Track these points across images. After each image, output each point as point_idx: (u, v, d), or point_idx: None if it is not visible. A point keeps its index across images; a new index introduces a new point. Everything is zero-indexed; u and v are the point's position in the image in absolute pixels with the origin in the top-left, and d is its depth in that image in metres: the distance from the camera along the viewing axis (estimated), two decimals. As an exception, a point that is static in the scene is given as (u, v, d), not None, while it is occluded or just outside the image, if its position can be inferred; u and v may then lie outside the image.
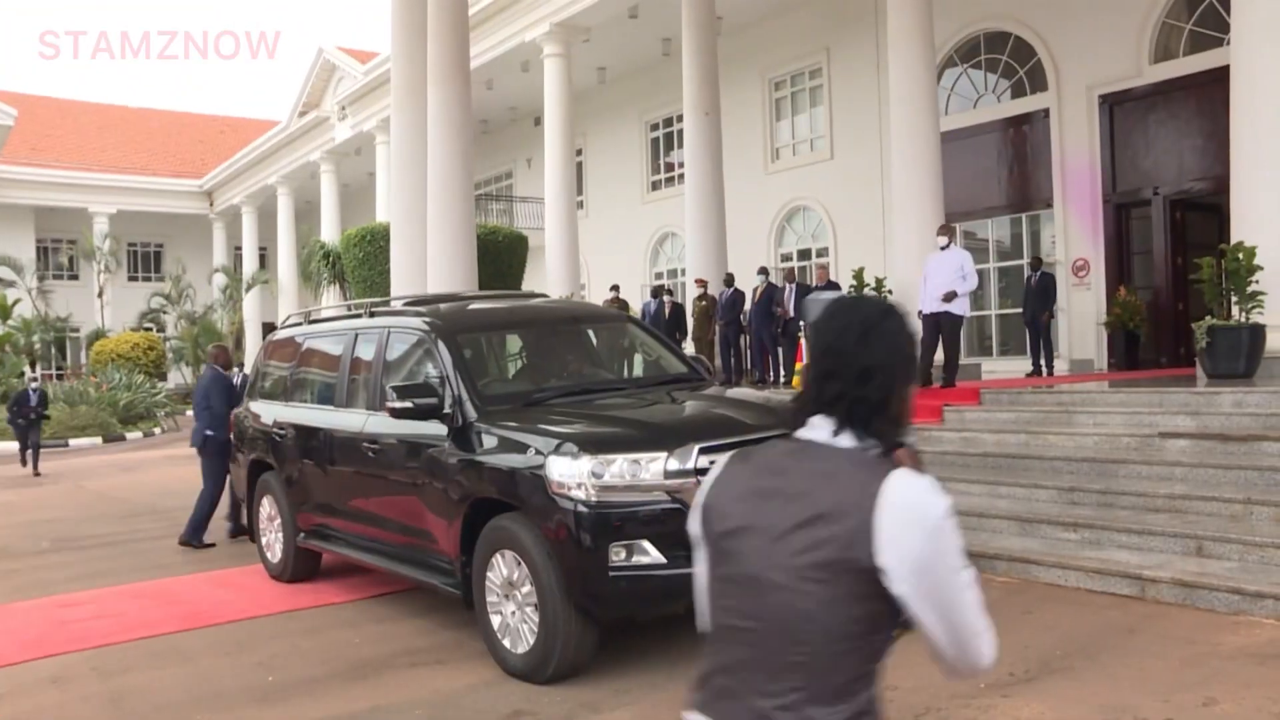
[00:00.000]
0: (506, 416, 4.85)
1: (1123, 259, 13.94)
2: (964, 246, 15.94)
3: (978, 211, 15.50)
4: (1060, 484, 6.84)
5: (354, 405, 5.94)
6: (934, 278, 9.78)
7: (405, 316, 5.83)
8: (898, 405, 1.39)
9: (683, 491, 4.22)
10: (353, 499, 5.83)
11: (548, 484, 4.26)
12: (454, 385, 5.03)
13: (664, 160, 22.25)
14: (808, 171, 18.26)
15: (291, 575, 6.71)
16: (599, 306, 8.84)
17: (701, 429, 4.51)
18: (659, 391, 5.49)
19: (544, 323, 6.08)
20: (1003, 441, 8.12)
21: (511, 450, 4.55)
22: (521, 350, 6.15)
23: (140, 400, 23.04)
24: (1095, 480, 6.86)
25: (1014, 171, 15.19)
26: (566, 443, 4.31)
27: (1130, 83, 13.58)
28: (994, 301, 15.71)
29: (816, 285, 13.31)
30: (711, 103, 15.34)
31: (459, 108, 12.86)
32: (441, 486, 4.91)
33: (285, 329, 7.35)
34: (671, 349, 6.16)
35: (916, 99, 11.47)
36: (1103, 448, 7.40)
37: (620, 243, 22.41)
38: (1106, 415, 7.87)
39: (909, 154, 11.50)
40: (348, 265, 17.06)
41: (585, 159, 23.47)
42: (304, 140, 29.54)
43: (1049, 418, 8.30)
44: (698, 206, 15.33)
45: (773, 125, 19.25)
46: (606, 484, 4.18)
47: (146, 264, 38.40)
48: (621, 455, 4.22)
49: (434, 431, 5.02)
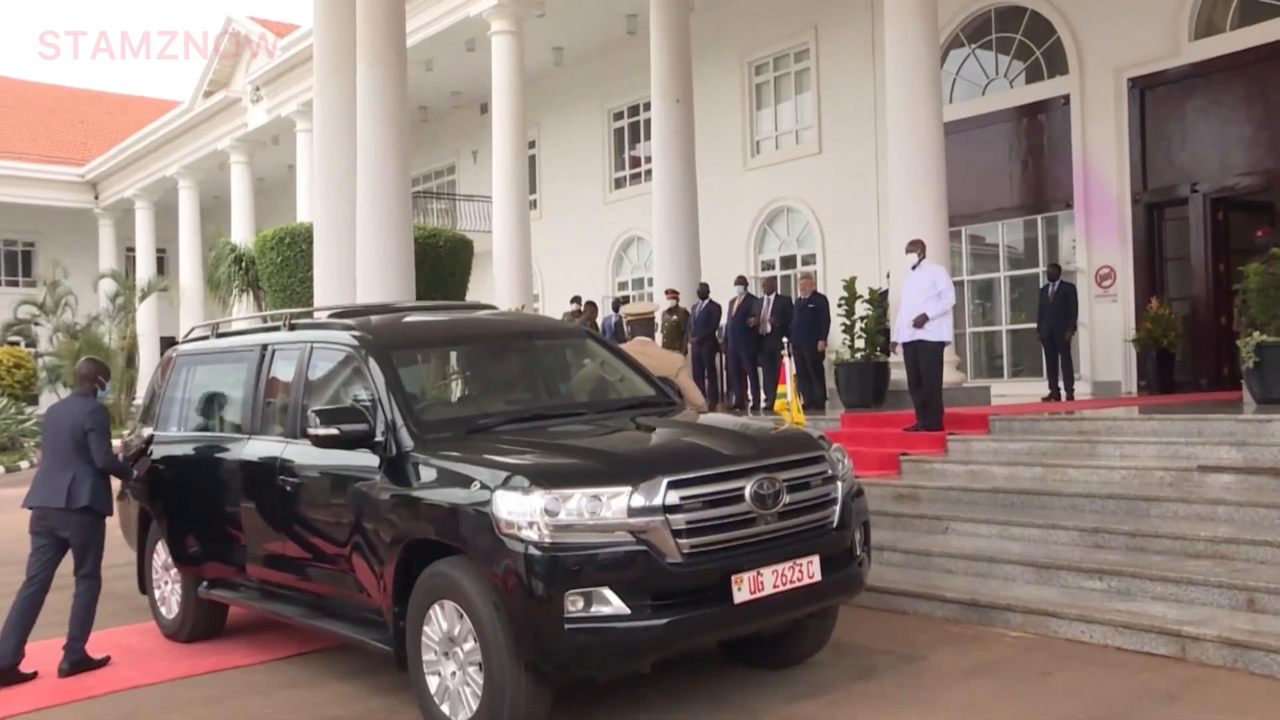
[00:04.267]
0: (447, 445, 4.85)
1: (1154, 266, 14.03)
2: (971, 253, 16.25)
3: (986, 213, 15.70)
4: (1082, 524, 6.92)
5: (269, 433, 5.91)
6: (906, 301, 9.74)
7: (331, 330, 5.83)
8: None
9: (649, 532, 4.24)
10: (266, 542, 5.79)
11: (494, 523, 4.27)
12: (387, 409, 5.03)
13: (629, 154, 22.34)
14: (792, 168, 18.44)
15: (191, 633, 6.63)
16: (554, 320, 8.87)
17: (671, 460, 4.54)
18: (622, 417, 5.52)
19: (491, 338, 6.09)
20: (1015, 475, 8.22)
21: (453, 484, 4.55)
22: (465, 370, 6.15)
23: (4, 428, 22.56)
24: (1123, 520, 6.94)
25: (1029, 167, 15.38)
26: (516, 475, 4.32)
27: (1165, 63, 13.67)
28: (1005, 315, 15.91)
29: (800, 298, 13.42)
30: (683, 89, 15.45)
31: (393, 91, 12.84)
32: (371, 526, 4.90)
33: (188, 344, 7.31)
34: (637, 369, 6.19)
35: (917, 84, 11.63)
36: (1132, 483, 7.50)
37: (579, 248, 22.47)
38: (1136, 445, 7.99)
39: (908, 148, 11.64)
40: (263, 271, 16.92)
41: (539, 152, 23.50)
42: (211, 125, 29.29)
43: (1069, 448, 8.41)
44: (667, 207, 15.39)
45: (753, 115, 19.44)
46: (562, 523, 4.19)
47: (13, 266, 37.37)
48: (579, 490, 4.24)
49: (363, 463, 5.01)
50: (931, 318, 9.46)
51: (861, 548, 5.07)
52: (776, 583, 4.49)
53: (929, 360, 9.56)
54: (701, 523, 4.35)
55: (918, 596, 6.61)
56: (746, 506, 4.46)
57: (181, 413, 6.95)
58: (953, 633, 6.12)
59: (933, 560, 7.12)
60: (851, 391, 11.88)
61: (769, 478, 4.56)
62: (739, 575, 4.39)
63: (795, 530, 4.66)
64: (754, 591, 4.42)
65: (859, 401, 11.73)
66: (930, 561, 7.13)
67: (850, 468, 5.21)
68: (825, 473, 4.89)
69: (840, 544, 4.87)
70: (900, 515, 7.98)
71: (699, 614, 4.31)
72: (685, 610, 4.27)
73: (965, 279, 16.02)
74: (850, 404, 11.84)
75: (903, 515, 7.97)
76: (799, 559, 4.59)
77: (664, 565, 4.23)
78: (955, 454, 9.00)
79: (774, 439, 5.13)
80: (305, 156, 23.19)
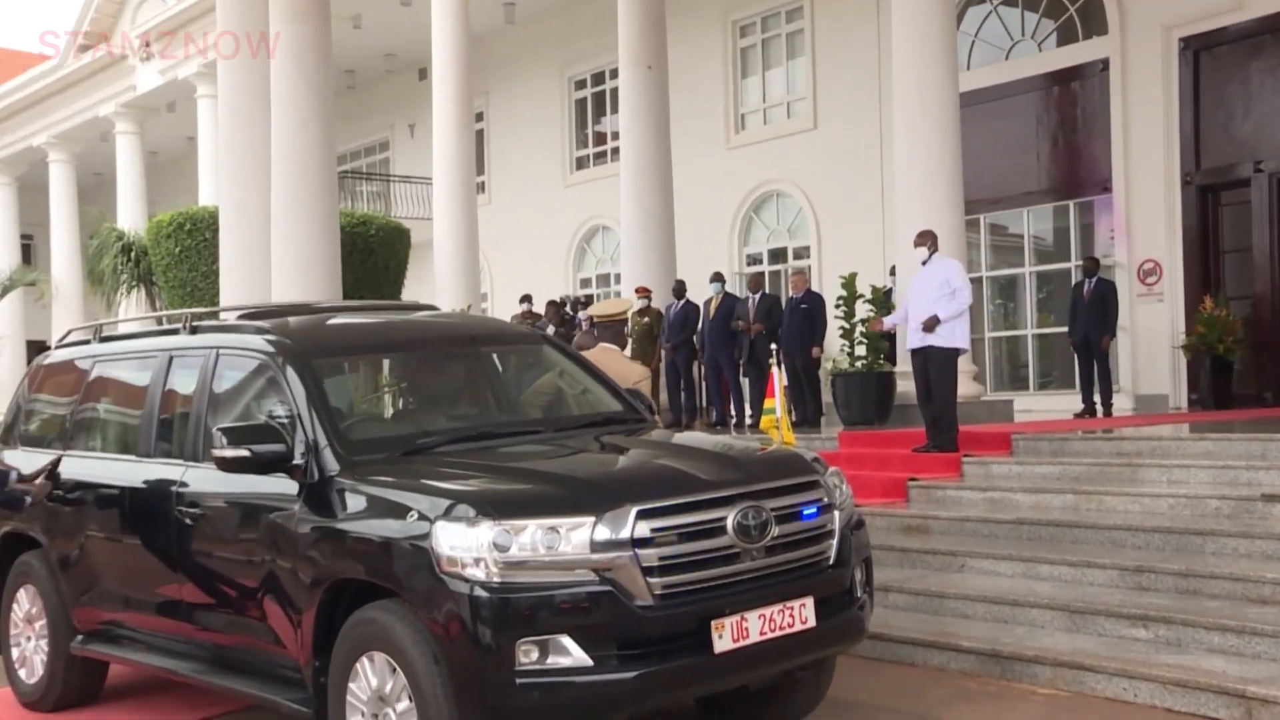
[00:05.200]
0: (379, 469, 4.86)
1: (1209, 260, 14.10)
2: (992, 245, 16.39)
3: (1010, 198, 15.83)
4: (1123, 562, 6.99)
5: (166, 455, 5.89)
6: (915, 302, 9.81)
7: (241, 334, 5.82)
8: None
9: (615, 569, 4.26)
10: (160, 585, 5.75)
11: (434, 560, 4.28)
12: (307, 427, 5.04)
13: (593, 129, 22.37)
14: (783, 146, 18.54)
15: (59, 700, 6.51)
16: (505, 323, 8.89)
17: (640, 486, 4.57)
18: (585, 436, 5.55)
19: (431, 344, 6.11)
20: (1043, 504, 8.31)
21: (385, 514, 4.56)
22: (401, 381, 6.16)
23: None
24: (1172, 558, 7.00)
25: (1060, 144, 15.49)
26: (460, 504, 4.34)
27: (1224, 19, 13.68)
28: (1031, 317, 16.05)
29: (792, 297, 13.50)
30: (656, 54, 15.51)
31: (315, 51, 12.81)
32: (288, 565, 4.89)
33: (64, 349, 7.25)
34: (602, 379, 6.23)
35: (929, 48, 11.73)
36: (1182, 514, 7.58)
37: (535, 238, 22.46)
38: (1187, 470, 8.09)
39: (918, 122, 11.75)
40: (157, 263, 16.80)
41: (487, 126, 23.48)
42: (90, 87, 28.80)
43: (1107, 473, 8.52)
44: (637, 191, 15.43)
45: (737, 84, 19.54)
46: (514, 559, 4.21)
47: None
48: (534, 521, 4.26)
49: (279, 490, 5.01)
50: (943, 320, 9.52)
51: (863, 588, 5.11)
52: (764, 629, 4.52)
53: (941, 370, 9.62)
54: (676, 559, 4.37)
55: (929, 646, 6.67)
56: (729, 540, 4.49)
57: (54, 432, 6.87)
58: (970, 689, 6.18)
59: (947, 603, 7.19)
60: (851, 406, 11.96)
61: (755, 507, 4.59)
62: (720, 620, 4.42)
63: (785, 568, 4.69)
64: (737, 639, 4.45)
65: (860, 418, 11.82)
66: (944, 604, 7.20)
67: (849, 495, 5.25)
68: (820, 501, 4.92)
69: (838, 583, 4.91)
70: (908, 550, 8.05)
71: (673, 665, 4.34)
72: (657, 661, 4.30)
73: (984, 275, 16.17)
74: (849, 421, 11.92)
75: (911, 550, 8.04)
76: (790, 601, 4.62)
77: (632, 609, 4.25)
78: (972, 479, 9.08)
79: (761, 462, 5.17)
80: (209, 127, 23.01)
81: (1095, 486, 8.26)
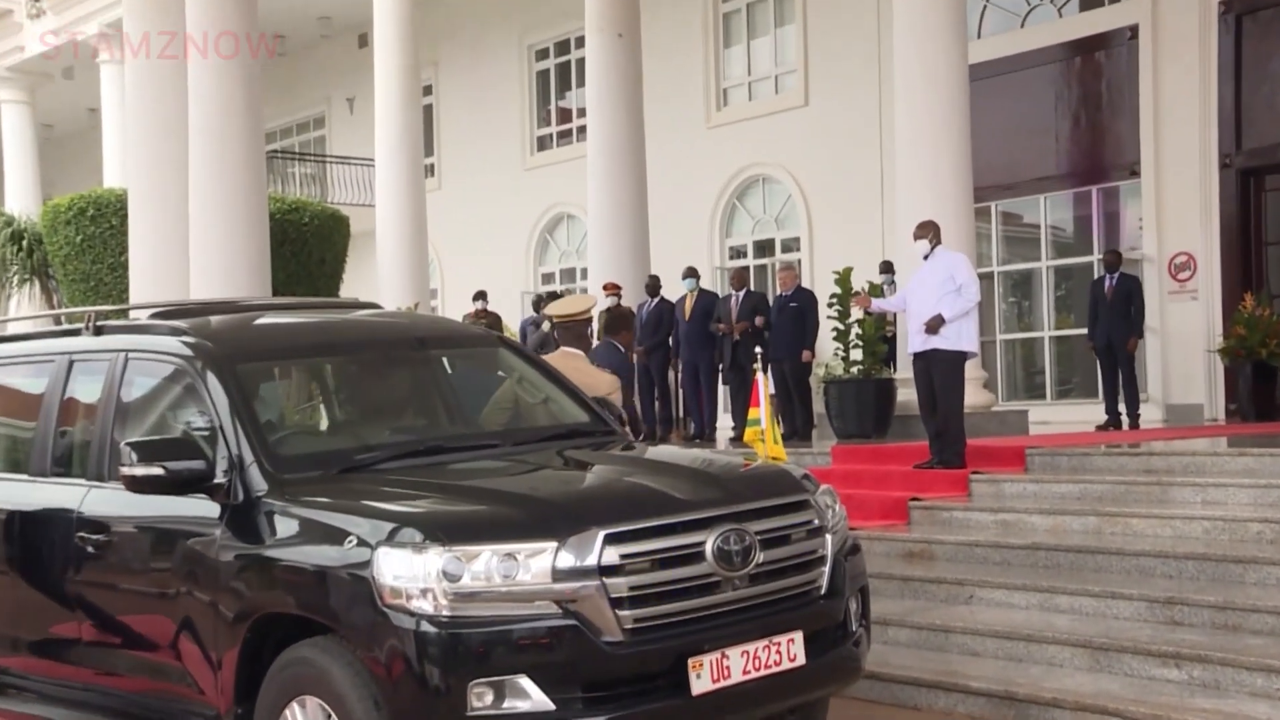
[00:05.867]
0: (314, 489, 4.86)
1: (1250, 253, 14.20)
2: (1004, 236, 16.49)
3: (1024, 184, 15.95)
4: (1153, 593, 7.02)
5: (64, 474, 5.84)
6: (917, 301, 9.84)
7: (154, 335, 5.78)
8: None
9: (580, 601, 4.26)
10: (55, 624, 5.70)
11: (376, 591, 4.27)
12: (231, 441, 5.01)
13: (556, 105, 22.37)
14: (770, 125, 18.61)
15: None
16: (458, 323, 8.87)
17: (609, 507, 4.58)
18: (547, 450, 5.57)
19: (374, 347, 6.10)
20: (1062, 528, 8.36)
21: (320, 540, 4.55)
22: (339, 389, 6.14)
23: None
24: (1208, 588, 7.03)
25: (1082, 123, 15.59)
26: (405, 527, 4.34)
27: None
28: (1049, 317, 16.15)
29: (780, 295, 13.53)
30: (627, 20, 15.52)
31: (239, 12, 12.75)
32: (208, 598, 4.86)
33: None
34: (566, 387, 6.23)
35: (934, 14, 11.78)
36: (1219, 539, 7.62)
37: (491, 228, 22.46)
38: (1224, 489, 8.13)
39: (922, 98, 11.81)
40: (54, 253, 16.69)
41: (437, 101, 23.46)
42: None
43: (1134, 492, 8.57)
44: (607, 176, 15.43)
45: (719, 55, 19.60)
46: (466, 590, 4.21)
47: None
48: (489, 546, 4.26)
49: (197, 513, 4.99)
50: (949, 320, 9.54)
51: (858, 621, 5.13)
52: (747, 667, 4.53)
53: (947, 376, 9.66)
54: (649, 589, 4.38)
55: (933, 686, 6.69)
56: (708, 567, 4.50)
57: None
58: (979, 734, 6.20)
59: (953, 638, 7.22)
60: (846, 417, 12.00)
61: (737, 530, 4.60)
62: (698, 658, 4.43)
63: (772, 598, 4.71)
64: (718, 679, 4.46)
65: (855, 430, 11.86)
66: (949, 640, 7.23)
67: (844, 517, 5.28)
68: (811, 523, 4.94)
69: (830, 616, 4.93)
70: (910, 579, 8.09)
71: (645, 709, 4.35)
72: (628, 705, 4.31)
73: (996, 270, 16.29)
74: (844, 434, 11.97)
75: (913, 579, 8.08)
76: (777, 636, 4.64)
77: (599, 645, 4.26)
78: (982, 499, 9.13)
79: (744, 480, 5.20)
80: (114, 97, 22.83)
81: (1120, 508, 8.31)
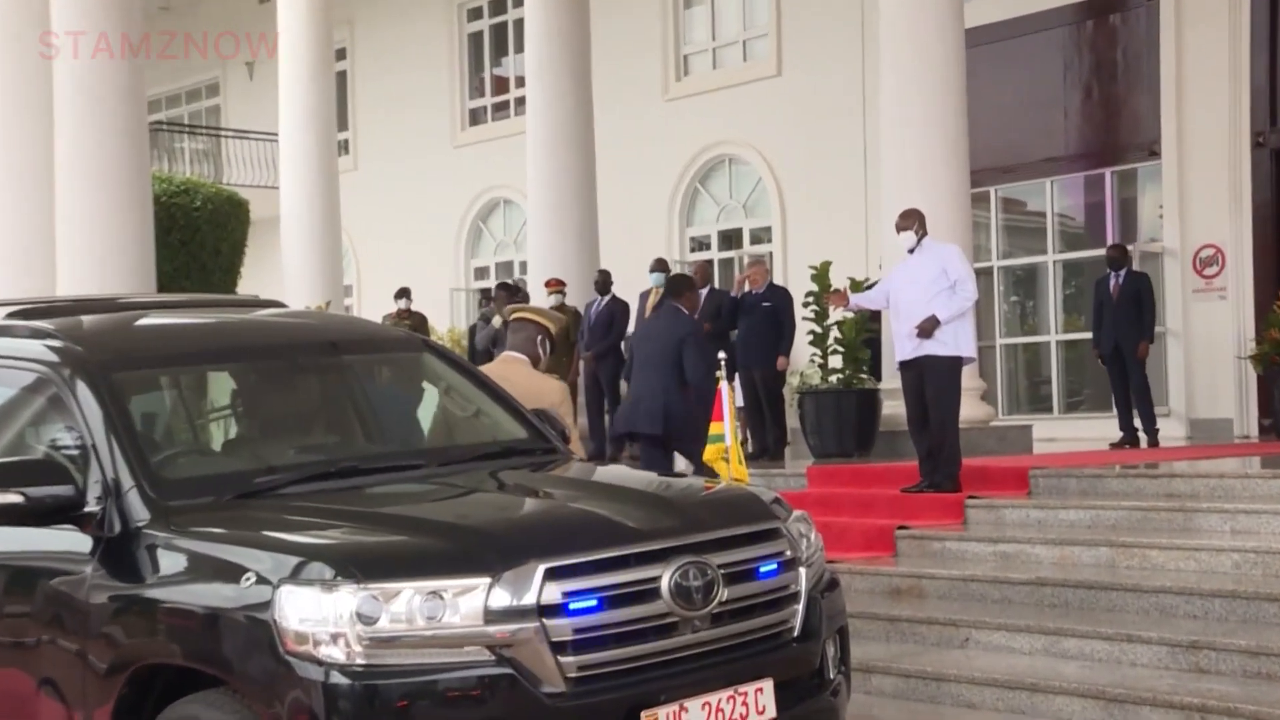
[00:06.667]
0: (205, 518, 4.82)
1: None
2: (1005, 226, 16.56)
3: (1027, 165, 16.05)
4: (1175, 636, 7.08)
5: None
6: (906, 300, 9.83)
7: (12, 338, 5.73)
8: None
9: (517, 645, 4.26)
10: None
11: (278, 636, 4.24)
12: (106, 463, 4.97)
13: (491, 74, 22.32)
14: (738, 97, 18.64)
15: None
16: (377, 325, 8.85)
17: (550, 537, 4.58)
18: (479, 472, 5.55)
19: (278, 352, 6.03)
20: (1070, 560, 8.44)
21: (212, 577, 4.52)
22: (237, 401, 6.11)
23: None
24: (1238, 631, 7.08)
25: (1094, 96, 15.67)
26: (313, 562, 4.32)
27: None
28: (1055, 319, 16.25)
29: (750, 293, 13.57)
30: (574, -28, 15.54)
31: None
32: (75, 647, 4.80)
33: None
34: (502, 399, 6.22)
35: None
36: (1250, 574, 7.69)
37: (415, 215, 22.43)
38: (1257, 517, 8.21)
39: (911, 67, 11.88)
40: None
41: (353, 67, 23.39)
42: None
43: (1152, 520, 8.65)
44: (550, 155, 15.41)
45: (679, 16, 19.64)
46: (384, 634, 4.19)
47: None
48: (411, 583, 4.24)
49: (64, 546, 4.95)
50: (944, 321, 9.53)
51: (837, 667, 5.16)
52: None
53: (942, 385, 9.66)
54: (596, 631, 4.39)
55: (923, 742, 6.76)
56: (664, 606, 4.51)
57: None
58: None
59: (946, 687, 7.27)
60: (824, 433, 12.06)
61: (698, 563, 4.60)
62: (652, 711, 4.44)
63: (737, 642, 4.72)
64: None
65: (835, 448, 11.92)
66: (942, 689, 7.28)
67: (820, 548, 5.31)
68: (782, 555, 4.96)
69: (805, 662, 4.96)
70: (897, 619, 8.13)
71: (592, 770, 4.36)
72: (572, 765, 4.32)
73: (995, 265, 16.41)
74: (822, 452, 12.02)
75: (900, 619, 8.12)
76: (743, 685, 4.65)
77: (539, 696, 4.26)
78: (979, 527, 9.20)
79: (705, 505, 5.22)
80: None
81: (1138, 538, 8.38)
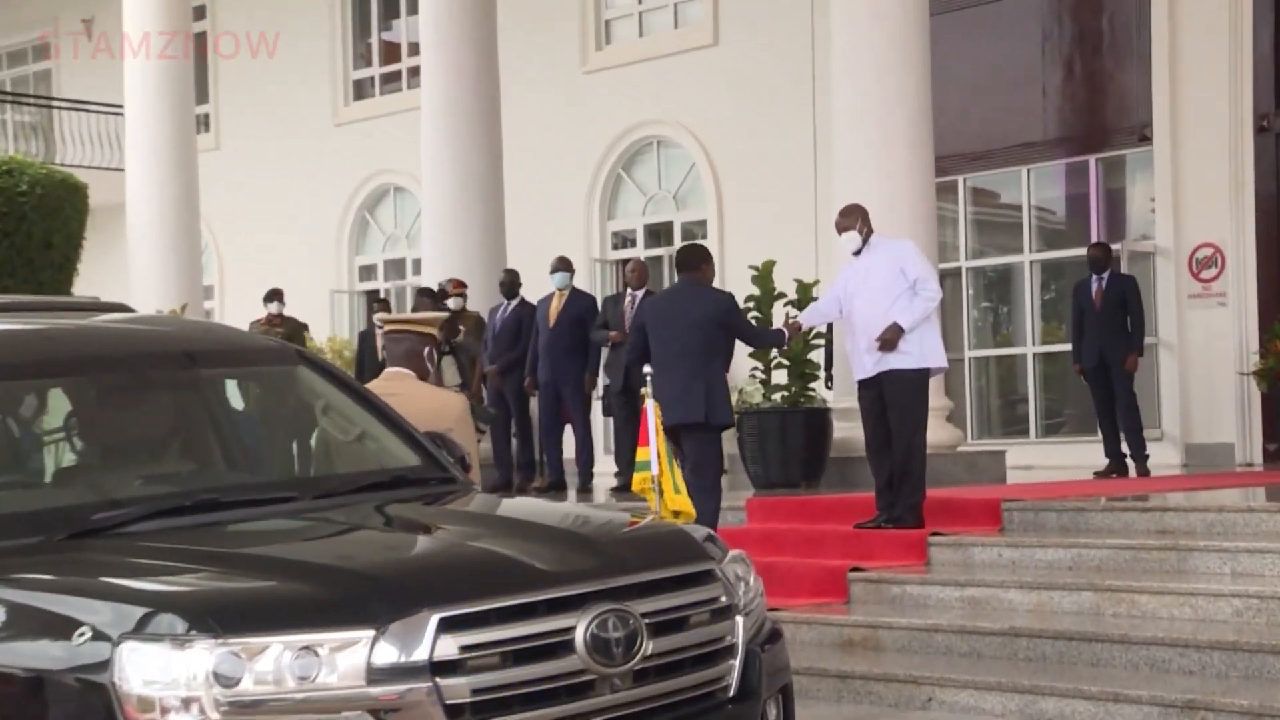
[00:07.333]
0: (30, 562, 4.79)
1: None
2: (974, 220, 16.64)
3: (1001, 152, 16.25)
4: (1167, 694, 7.12)
5: None
6: (859, 311, 9.79)
7: None
8: None
9: (405, 708, 4.23)
10: None
11: (118, 702, 4.17)
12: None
13: (380, 39, 22.31)
14: (668, 70, 18.75)
15: None
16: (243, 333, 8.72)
17: (444, 582, 4.56)
18: (363, 505, 5.54)
19: (123, 364, 5.99)
20: (1048, 606, 8.48)
21: (37, 632, 4.46)
22: (73, 422, 6.05)
23: None
24: (1239, 688, 7.13)
25: (1076, 73, 15.86)
26: (163, 613, 4.26)
27: None
28: (1033, 328, 16.39)
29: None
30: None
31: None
32: None
33: None
34: (391, 420, 6.20)
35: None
36: (1254, 622, 7.77)
37: (290, 205, 22.44)
38: (1261, 557, 8.29)
39: (868, 38, 11.98)
40: None
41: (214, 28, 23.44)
42: None
43: (1142, 560, 8.71)
44: (449, 135, 15.44)
45: (601, -23, 19.69)
46: (247, 697, 4.16)
47: None
48: (279, 637, 4.21)
49: None
50: (908, 328, 9.49)
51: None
52: (632, 796, 4.54)
53: (908, 401, 9.64)
54: (499, 691, 4.36)
55: (878, 816, 6.73)
56: (579, 661, 4.49)
57: None
58: None
59: (904, 753, 7.27)
60: (766, 460, 12.10)
61: (618, 611, 4.59)
62: (566, 785, 4.41)
63: (664, 703, 4.71)
64: (593, 813, 4.46)
65: (779, 477, 11.97)
66: (900, 755, 7.28)
67: (761, 593, 5.30)
68: (716, 601, 4.95)
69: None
70: (849, 676, 8.12)
71: None
72: None
73: (964, 265, 16.59)
74: (764, 482, 12.07)
75: (853, 676, 8.12)
76: (671, 753, 4.64)
77: (430, 770, 4.23)
78: (944, 569, 9.23)
79: (628, 544, 5.21)
80: None
81: (1126, 581, 8.45)
